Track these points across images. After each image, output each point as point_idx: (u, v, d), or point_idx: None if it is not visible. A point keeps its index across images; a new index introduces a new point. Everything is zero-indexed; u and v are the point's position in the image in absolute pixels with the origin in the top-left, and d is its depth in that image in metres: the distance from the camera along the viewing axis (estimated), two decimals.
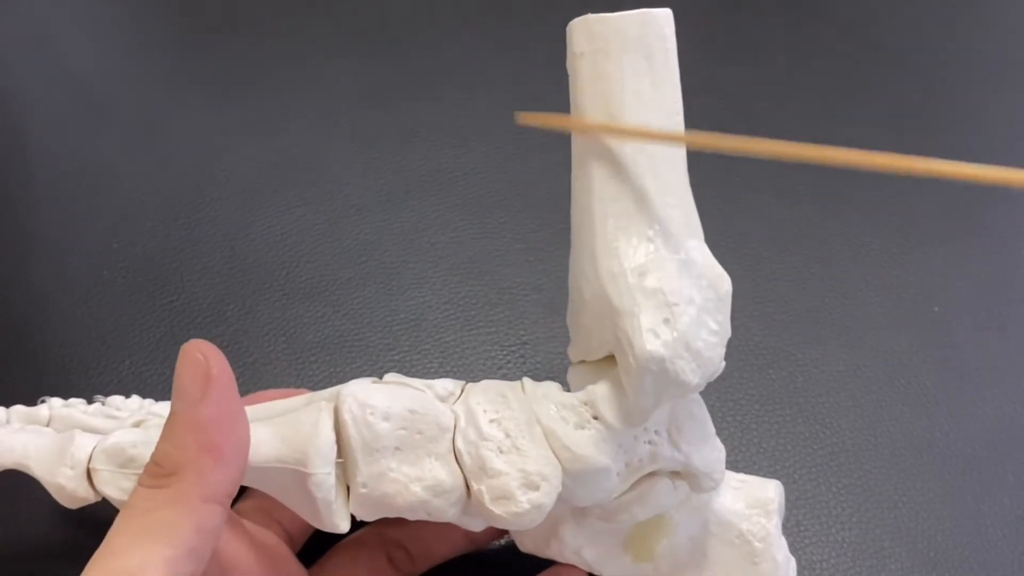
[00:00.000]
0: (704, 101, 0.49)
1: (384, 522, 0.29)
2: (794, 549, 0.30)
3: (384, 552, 0.28)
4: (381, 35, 0.54)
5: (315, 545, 0.29)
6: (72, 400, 0.30)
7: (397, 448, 0.23)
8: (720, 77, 0.50)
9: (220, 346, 0.37)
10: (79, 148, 0.47)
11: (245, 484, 0.24)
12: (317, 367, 0.37)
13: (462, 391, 0.25)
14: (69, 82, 0.51)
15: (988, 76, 0.52)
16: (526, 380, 0.25)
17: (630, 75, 0.23)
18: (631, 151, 0.23)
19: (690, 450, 0.24)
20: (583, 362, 0.25)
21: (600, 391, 0.23)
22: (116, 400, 0.30)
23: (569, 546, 0.26)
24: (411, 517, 0.24)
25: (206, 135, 0.47)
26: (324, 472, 0.23)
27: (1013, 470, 0.34)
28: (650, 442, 0.24)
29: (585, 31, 0.23)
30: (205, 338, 0.39)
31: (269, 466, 0.23)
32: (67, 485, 0.26)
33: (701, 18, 0.54)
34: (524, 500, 0.23)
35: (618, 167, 0.23)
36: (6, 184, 0.45)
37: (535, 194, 0.44)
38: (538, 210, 0.43)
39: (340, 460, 0.23)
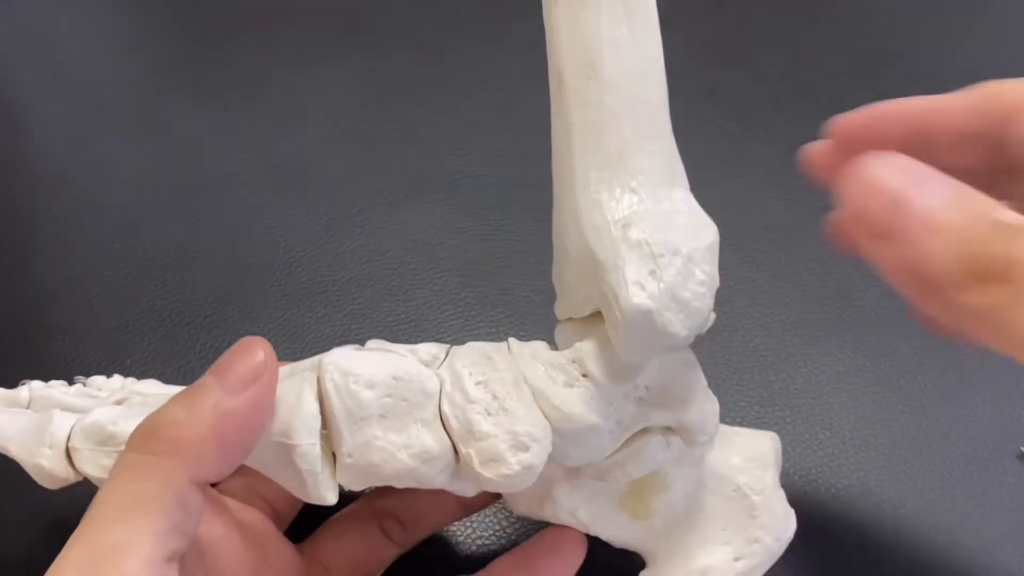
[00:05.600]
0: (702, 104, 0.49)
1: (375, 493, 0.28)
2: (793, 547, 0.30)
3: (376, 523, 0.28)
4: (381, 36, 0.54)
5: (305, 522, 0.29)
6: (53, 382, 0.29)
7: (382, 416, 0.23)
8: (718, 79, 0.50)
9: (220, 346, 0.37)
10: (80, 149, 0.47)
11: None
12: None
13: (447, 355, 0.25)
14: (69, 82, 0.51)
15: (988, 76, 0.52)
16: (512, 340, 0.25)
17: (607, 21, 0.22)
18: (610, 100, 0.22)
19: (680, 406, 0.24)
20: (570, 320, 0.25)
21: (588, 348, 0.23)
22: (97, 380, 0.30)
23: (564, 508, 0.26)
24: (400, 485, 0.23)
25: (207, 136, 0.47)
26: (308, 443, 0.22)
27: (1013, 470, 0.34)
28: (641, 398, 0.23)
29: None
30: (205, 338, 0.39)
31: None
32: (47, 465, 0.26)
33: (698, 20, 0.54)
34: (514, 462, 0.22)
35: (598, 116, 0.22)
36: (7, 185, 0.45)
37: (535, 195, 0.44)
38: (538, 211, 0.43)
39: (325, 431, 0.23)
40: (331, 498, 0.23)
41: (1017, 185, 0.24)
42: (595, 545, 0.27)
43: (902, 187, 0.18)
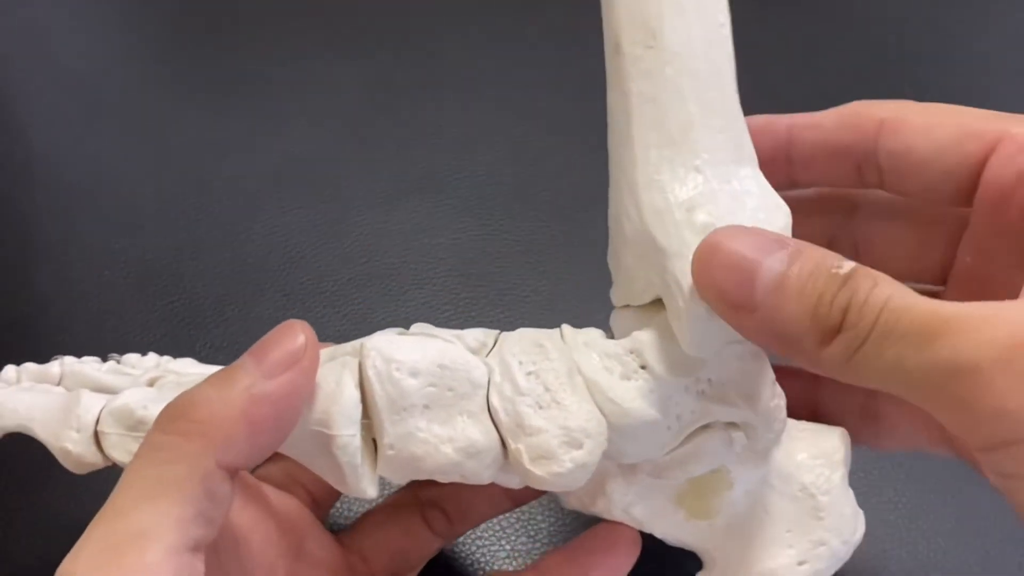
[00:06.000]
0: None
1: (419, 482, 0.27)
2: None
3: (419, 513, 0.27)
4: (381, 35, 0.54)
5: (345, 512, 0.28)
6: (86, 358, 0.28)
7: (426, 406, 0.21)
8: None
9: (220, 346, 0.37)
10: (79, 148, 0.47)
11: None
12: None
13: (495, 342, 0.23)
14: (69, 82, 0.51)
15: (989, 76, 0.52)
16: (565, 327, 0.23)
17: None
18: (673, 71, 0.20)
19: (745, 402, 0.22)
20: (627, 307, 0.23)
21: (647, 338, 0.21)
22: (131, 358, 0.28)
23: (617, 504, 0.24)
24: (444, 480, 0.22)
25: (206, 135, 0.47)
26: (348, 434, 0.21)
27: None
28: (702, 392, 0.22)
29: None
30: (205, 338, 0.39)
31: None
32: (73, 450, 0.24)
33: None
34: (567, 459, 0.21)
35: (659, 89, 0.20)
36: (6, 185, 0.45)
37: (535, 195, 0.44)
38: (538, 211, 0.43)
39: (366, 420, 0.22)
40: (371, 492, 0.22)
41: (878, 200, 0.25)
42: (649, 543, 0.26)
43: (749, 257, 0.19)
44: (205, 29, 0.55)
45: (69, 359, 0.28)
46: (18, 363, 0.28)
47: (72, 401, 0.25)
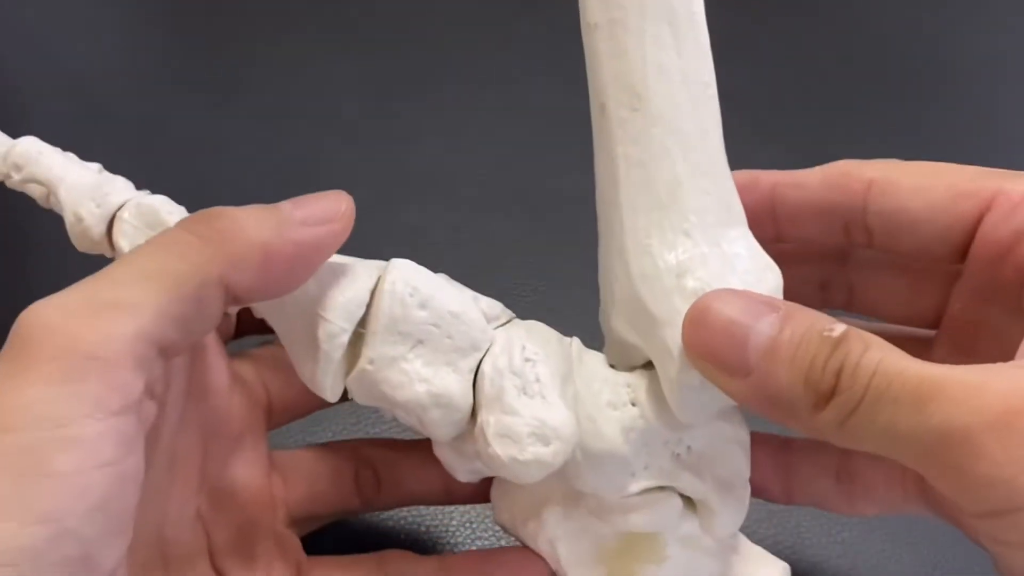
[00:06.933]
0: None
1: (365, 440, 0.28)
2: (795, 550, 0.29)
3: (353, 466, 0.27)
4: (381, 35, 0.54)
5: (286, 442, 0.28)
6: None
7: (420, 341, 0.21)
8: (718, 79, 0.50)
9: None
10: (79, 148, 0.47)
11: (258, 311, 0.23)
12: None
13: (508, 321, 0.23)
14: (69, 82, 0.51)
15: (989, 76, 0.52)
16: (576, 340, 0.23)
17: (653, 47, 0.20)
18: (659, 132, 0.20)
19: (715, 484, 0.22)
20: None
21: (644, 382, 0.21)
22: None
23: (547, 533, 0.24)
24: (403, 419, 0.22)
25: (206, 135, 0.47)
26: (340, 325, 0.21)
27: None
28: (679, 455, 0.22)
29: None
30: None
31: (291, 296, 0.21)
32: (86, 219, 0.24)
33: None
34: (530, 450, 0.21)
35: (646, 151, 0.20)
36: (6, 185, 0.45)
37: (535, 196, 0.44)
38: (538, 211, 0.43)
39: (360, 330, 0.22)
40: (332, 393, 0.22)
41: (871, 255, 0.25)
42: None
43: (740, 321, 0.18)
44: (205, 29, 0.55)
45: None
46: None
47: (106, 180, 0.25)
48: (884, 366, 0.17)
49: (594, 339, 0.24)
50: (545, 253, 0.41)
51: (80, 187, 0.25)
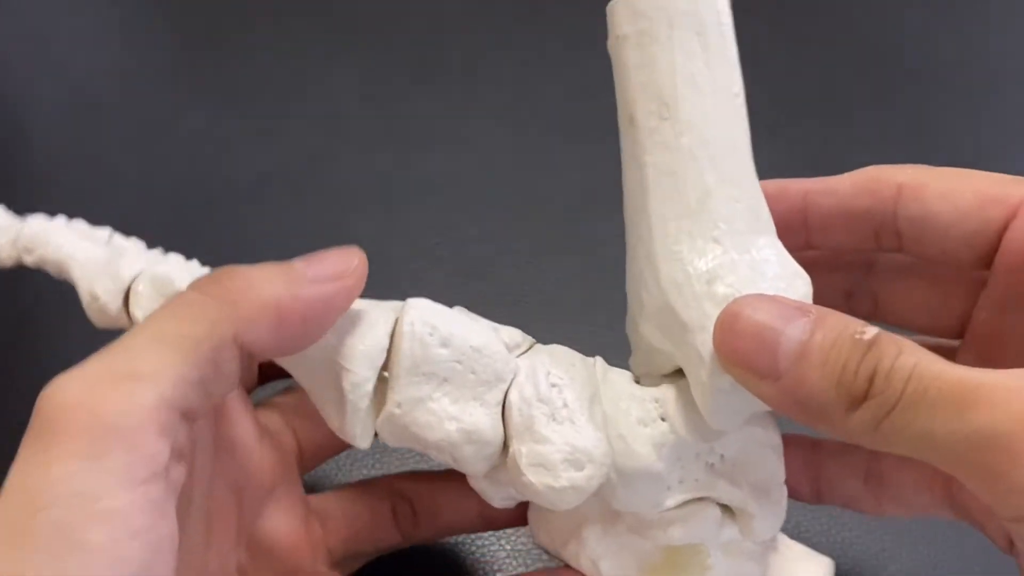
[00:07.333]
0: None
1: (400, 474, 0.28)
2: None
3: (389, 502, 0.27)
4: (381, 36, 0.54)
5: (322, 480, 0.27)
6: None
7: (445, 379, 0.21)
8: None
9: None
10: (79, 148, 0.47)
11: (280, 364, 0.23)
12: None
13: (529, 348, 0.23)
14: (69, 82, 0.51)
15: (989, 76, 0.52)
16: (599, 360, 0.23)
17: (681, 57, 0.20)
18: (688, 142, 0.20)
19: (751, 490, 0.22)
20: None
21: (672, 395, 0.21)
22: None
23: (588, 552, 0.24)
24: (436, 457, 0.22)
25: (206, 135, 0.47)
26: (364, 375, 0.21)
27: None
28: (712, 464, 0.22)
29: (628, 9, 0.20)
30: None
31: (311, 349, 0.21)
32: (102, 297, 0.24)
33: None
34: (564, 476, 0.21)
35: (675, 160, 0.20)
36: (5, 184, 0.45)
37: (538, 195, 0.44)
38: (541, 211, 0.43)
39: (384, 373, 0.22)
40: (362, 440, 0.22)
41: (895, 258, 0.25)
42: None
43: (771, 326, 0.18)
44: (205, 29, 0.55)
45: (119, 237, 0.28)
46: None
47: (116, 254, 0.25)
48: (920, 370, 0.17)
49: (601, 335, 0.23)
50: (549, 255, 0.41)
51: (91, 264, 0.25)
